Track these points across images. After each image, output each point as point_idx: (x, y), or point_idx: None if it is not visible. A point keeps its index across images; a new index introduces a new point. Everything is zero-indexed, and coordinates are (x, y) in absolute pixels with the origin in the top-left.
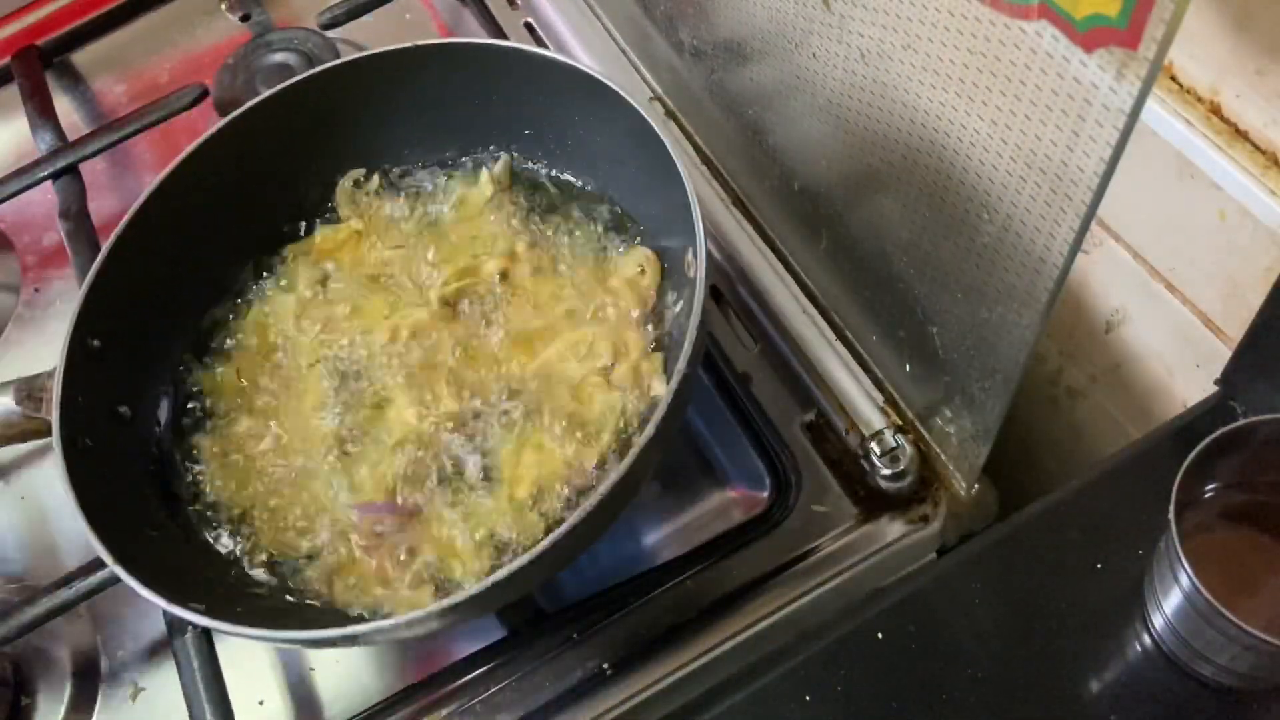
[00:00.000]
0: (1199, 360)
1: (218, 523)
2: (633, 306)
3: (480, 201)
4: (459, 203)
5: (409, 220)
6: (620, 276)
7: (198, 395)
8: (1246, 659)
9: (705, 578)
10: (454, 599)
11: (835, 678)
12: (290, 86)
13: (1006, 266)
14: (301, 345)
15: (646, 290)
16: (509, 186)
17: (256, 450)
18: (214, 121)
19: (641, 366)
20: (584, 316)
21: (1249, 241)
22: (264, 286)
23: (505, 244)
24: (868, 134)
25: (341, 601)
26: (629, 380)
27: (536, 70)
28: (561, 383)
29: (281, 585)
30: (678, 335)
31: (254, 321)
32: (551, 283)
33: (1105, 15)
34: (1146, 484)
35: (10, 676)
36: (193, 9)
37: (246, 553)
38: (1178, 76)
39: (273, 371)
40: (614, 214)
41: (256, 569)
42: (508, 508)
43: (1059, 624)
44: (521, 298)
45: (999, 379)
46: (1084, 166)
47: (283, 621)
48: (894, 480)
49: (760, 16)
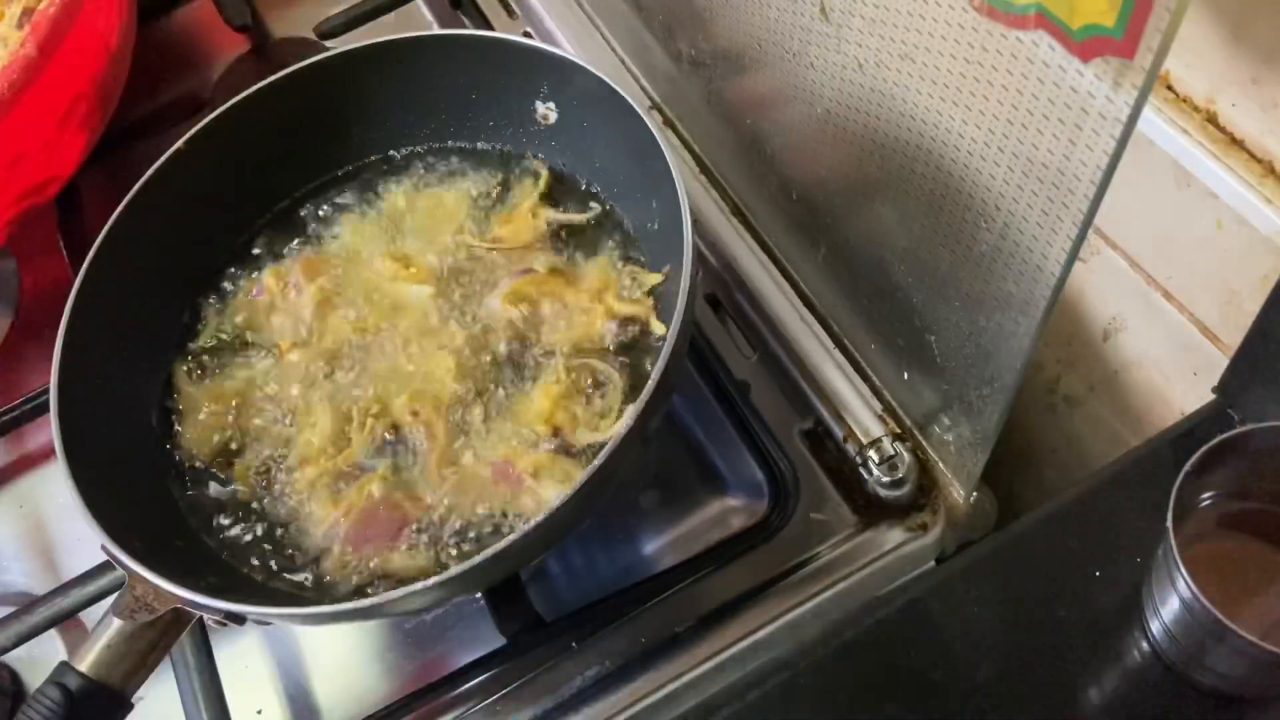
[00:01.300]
0: (1196, 368)
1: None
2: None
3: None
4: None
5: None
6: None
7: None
8: (1244, 666)
9: (704, 586)
10: (464, 566)
11: (834, 686)
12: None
13: (1004, 275)
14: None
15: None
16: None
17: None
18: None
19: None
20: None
21: (1246, 250)
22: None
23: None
24: (865, 143)
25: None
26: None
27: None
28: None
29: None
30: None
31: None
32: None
33: (1101, 25)
34: (1144, 492)
35: (9, 685)
36: (191, 20)
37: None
38: (1174, 85)
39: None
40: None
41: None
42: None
43: (1058, 632)
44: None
45: (997, 387)
46: (1081, 175)
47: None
48: (892, 488)
49: (758, 26)
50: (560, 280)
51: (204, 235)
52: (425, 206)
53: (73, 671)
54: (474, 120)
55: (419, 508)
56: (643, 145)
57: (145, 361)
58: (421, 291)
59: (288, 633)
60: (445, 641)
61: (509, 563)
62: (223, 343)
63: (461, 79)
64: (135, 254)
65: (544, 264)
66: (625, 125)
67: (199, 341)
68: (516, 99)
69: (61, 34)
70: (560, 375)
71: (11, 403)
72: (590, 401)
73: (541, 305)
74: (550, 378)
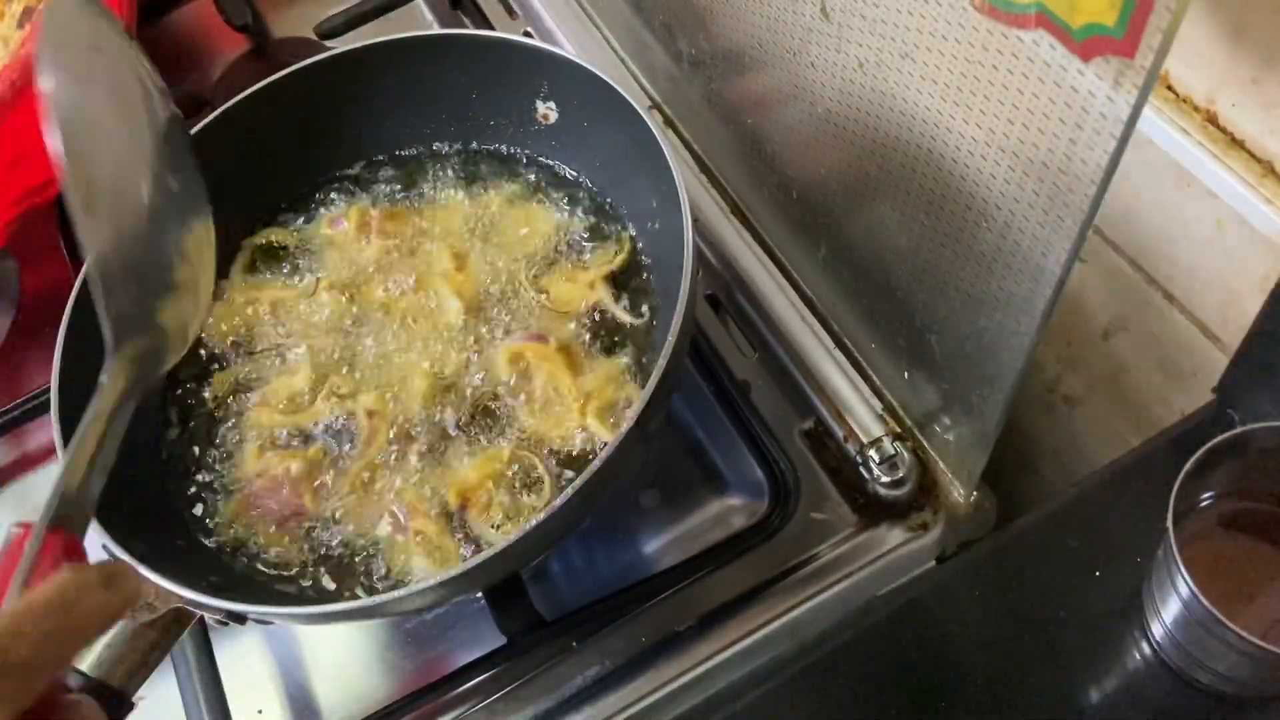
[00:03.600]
0: (1196, 368)
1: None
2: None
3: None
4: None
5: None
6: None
7: (195, 393)
8: (1245, 666)
9: (704, 585)
10: (484, 555)
11: (834, 685)
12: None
13: (1005, 274)
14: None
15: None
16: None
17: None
18: None
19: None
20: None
21: (1245, 250)
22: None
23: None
24: (866, 142)
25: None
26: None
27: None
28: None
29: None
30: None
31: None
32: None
33: (1102, 24)
34: (1144, 492)
35: None
36: (191, 20)
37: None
38: (1174, 85)
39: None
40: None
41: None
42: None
43: (1058, 631)
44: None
45: (997, 386)
46: (1081, 174)
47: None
48: (893, 488)
49: (759, 26)
50: (563, 361)
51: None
52: (519, 217)
53: (73, 671)
54: (474, 120)
55: (316, 506)
56: (643, 145)
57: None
58: (452, 303)
59: (288, 633)
60: (445, 641)
61: (510, 562)
62: (284, 248)
63: (461, 79)
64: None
65: (559, 338)
66: (625, 125)
67: (267, 235)
68: (516, 99)
69: None
70: (504, 457)
71: (11, 403)
72: (514, 495)
73: (535, 378)
74: (494, 452)
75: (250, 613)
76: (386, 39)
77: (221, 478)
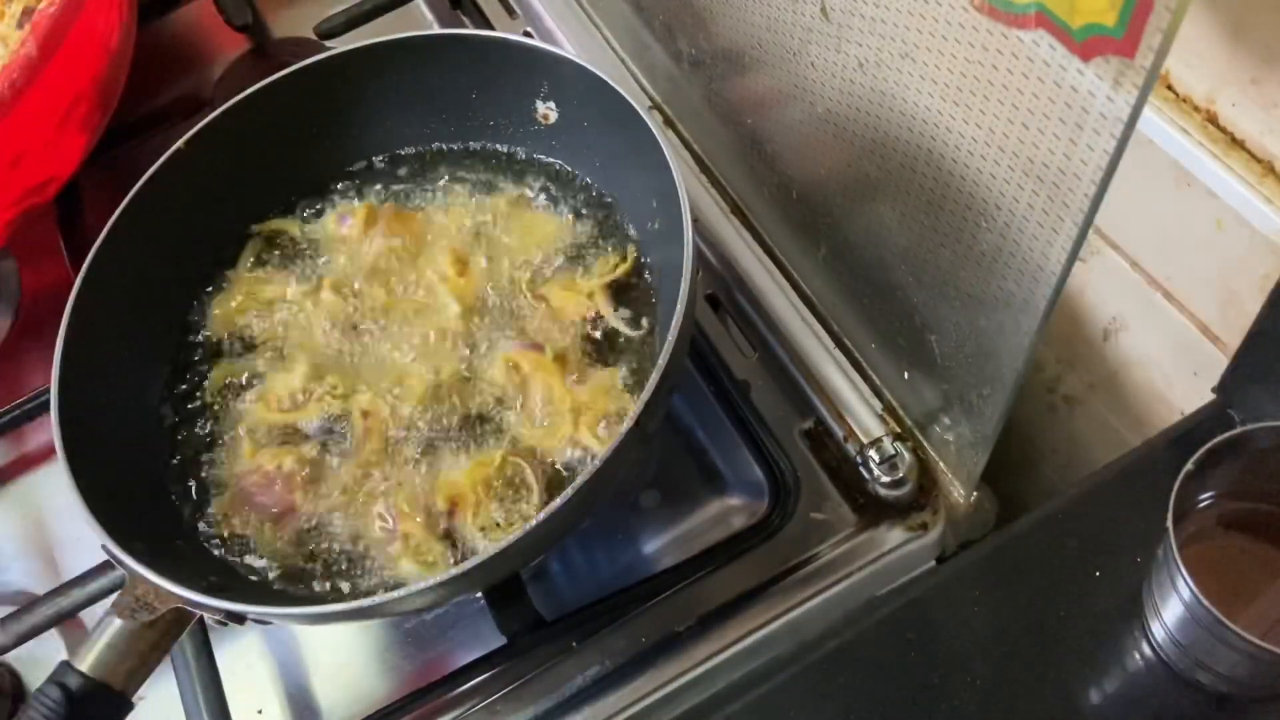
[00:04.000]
0: (1196, 368)
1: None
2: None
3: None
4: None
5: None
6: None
7: (193, 392)
8: (1245, 667)
9: (704, 585)
10: (477, 558)
11: (834, 686)
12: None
13: (1005, 274)
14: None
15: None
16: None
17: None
18: None
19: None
20: None
21: (1246, 249)
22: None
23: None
24: (866, 142)
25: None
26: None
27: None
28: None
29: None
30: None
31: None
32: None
33: (1102, 24)
34: (1144, 492)
35: (9, 686)
36: (191, 20)
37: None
38: (1174, 85)
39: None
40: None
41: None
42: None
43: (1058, 632)
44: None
45: (997, 386)
46: (1081, 174)
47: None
48: (893, 488)
49: (759, 26)
50: (557, 371)
51: (204, 235)
52: (520, 222)
53: (73, 671)
54: (474, 120)
55: (309, 505)
56: (643, 145)
57: (146, 361)
58: (451, 306)
59: (288, 633)
60: (445, 641)
61: (509, 562)
62: (290, 242)
63: (461, 79)
64: (135, 254)
65: (556, 348)
66: (625, 125)
67: (273, 223)
68: (516, 99)
69: (62, 34)
70: (495, 462)
71: (11, 403)
72: (502, 502)
73: (530, 386)
74: (485, 458)
75: (249, 613)
76: (386, 39)
77: (216, 473)
